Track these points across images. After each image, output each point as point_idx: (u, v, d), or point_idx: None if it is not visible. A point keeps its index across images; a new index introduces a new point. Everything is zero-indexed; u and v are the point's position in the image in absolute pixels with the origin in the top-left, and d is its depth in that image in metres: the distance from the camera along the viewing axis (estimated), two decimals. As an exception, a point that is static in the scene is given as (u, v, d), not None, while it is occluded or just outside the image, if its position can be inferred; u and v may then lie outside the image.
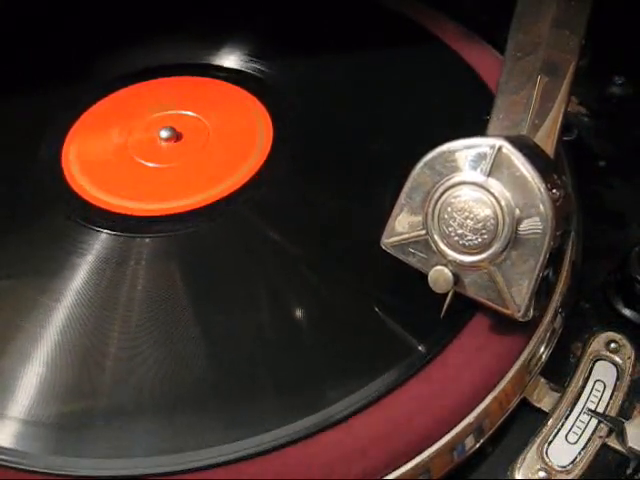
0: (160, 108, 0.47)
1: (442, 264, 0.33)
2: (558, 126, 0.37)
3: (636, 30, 0.52)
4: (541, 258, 0.32)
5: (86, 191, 0.43)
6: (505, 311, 0.33)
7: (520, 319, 0.33)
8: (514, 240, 0.32)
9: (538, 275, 0.32)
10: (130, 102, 0.48)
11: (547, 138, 0.36)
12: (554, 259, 0.33)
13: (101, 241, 0.40)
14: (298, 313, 0.37)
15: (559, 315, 0.38)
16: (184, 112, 0.47)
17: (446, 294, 0.34)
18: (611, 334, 0.39)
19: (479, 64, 0.47)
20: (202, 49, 0.51)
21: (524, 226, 0.32)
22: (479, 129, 0.37)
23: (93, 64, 0.51)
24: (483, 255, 0.32)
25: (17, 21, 0.55)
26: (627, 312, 0.40)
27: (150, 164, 0.44)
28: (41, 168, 0.44)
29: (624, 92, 0.52)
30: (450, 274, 0.33)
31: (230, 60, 0.50)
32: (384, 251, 0.35)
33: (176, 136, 0.45)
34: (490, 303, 0.33)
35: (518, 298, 0.32)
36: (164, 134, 0.44)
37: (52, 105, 0.48)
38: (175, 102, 0.47)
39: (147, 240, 0.40)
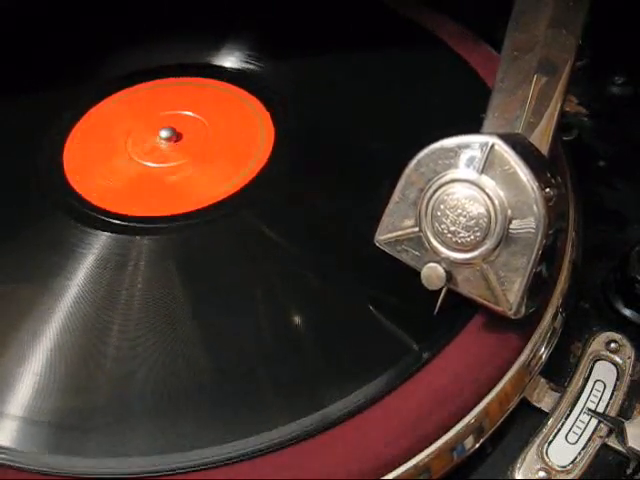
0: (160, 108, 0.47)
1: (435, 261, 0.33)
2: (553, 125, 0.37)
3: (636, 30, 0.52)
4: (533, 256, 0.32)
5: (86, 191, 0.43)
6: (497, 309, 0.33)
7: (512, 317, 0.33)
8: (506, 238, 0.32)
9: (530, 273, 0.32)
10: (130, 102, 0.48)
11: (542, 137, 0.36)
12: (548, 257, 0.33)
13: (101, 241, 0.40)
14: (297, 314, 0.37)
15: (559, 315, 0.38)
16: (184, 112, 0.47)
17: (440, 291, 0.34)
18: (611, 334, 0.39)
19: (479, 64, 0.47)
20: (202, 49, 0.51)
21: (516, 224, 0.32)
22: (477, 128, 0.37)
23: (93, 64, 0.51)
24: (475, 252, 0.32)
25: (17, 21, 0.55)
26: (627, 312, 0.40)
27: (150, 164, 0.44)
28: (42, 168, 0.44)
29: (624, 92, 0.52)
30: (443, 271, 0.33)
31: (230, 60, 0.50)
32: (384, 252, 0.35)
33: (176, 136, 0.45)
34: (483, 301, 0.33)
35: (510, 296, 0.32)
36: (164, 134, 0.44)
37: (52, 105, 0.48)
38: (175, 102, 0.47)
39: (147, 240, 0.40)
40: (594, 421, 0.36)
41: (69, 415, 0.34)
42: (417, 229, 0.34)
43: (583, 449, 0.35)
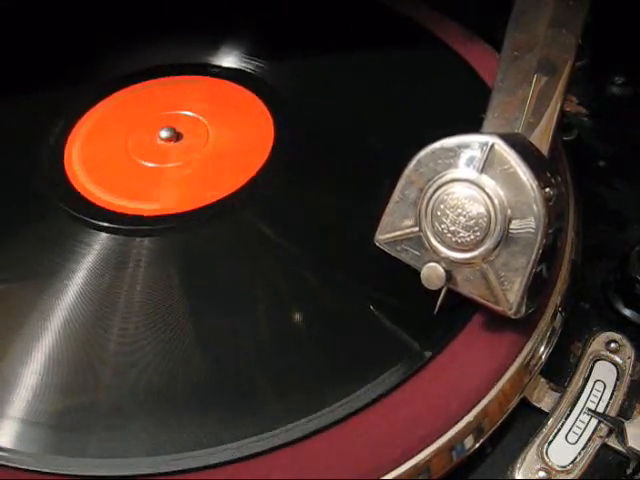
0: (160, 108, 0.47)
1: (435, 261, 0.33)
2: (553, 125, 0.37)
3: (636, 30, 0.52)
4: (533, 256, 0.32)
5: (87, 191, 0.43)
6: (497, 308, 0.33)
7: (512, 317, 0.33)
8: (506, 237, 0.32)
9: (530, 273, 0.32)
10: (130, 102, 0.48)
11: (542, 137, 0.36)
12: (547, 256, 0.33)
13: (101, 241, 0.40)
14: (297, 313, 0.37)
15: (559, 315, 0.38)
16: (184, 112, 0.47)
17: (440, 291, 0.34)
18: (611, 334, 0.39)
19: (479, 64, 0.47)
20: (202, 49, 0.51)
21: (516, 224, 0.32)
22: (477, 128, 0.37)
23: (93, 64, 0.51)
24: (475, 252, 0.32)
25: (17, 21, 0.55)
26: (627, 312, 0.40)
27: (150, 164, 0.44)
28: (42, 168, 0.44)
29: (624, 92, 0.52)
30: (442, 271, 0.33)
31: (230, 59, 0.50)
32: (384, 251, 0.35)
33: (176, 136, 0.45)
34: (482, 300, 0.33)
35: (510, 295, 0.32)
36: (164, 134, 0.44)
37: (53, 105, 0.48)
38: (175, 102, 0.47)
39: (147, 240, 0.40)
40: (594, 421, 0.36)
41: (69, 416, 0.34)
42: (417, 229, 0.34)
43: (583, 449, 0.35)
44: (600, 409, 0.36)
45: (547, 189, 0.32)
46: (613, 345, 0.38)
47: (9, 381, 0.35)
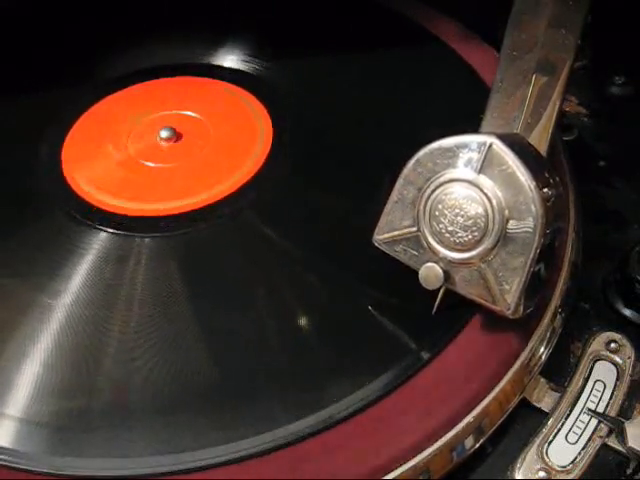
0: (160, 108, 0.47)
1: (433, 261, 0.33)
2: (552, 125, 0.37)
3: (636, 30, 0.52)
4: (531, 256, 0.31)
5: (86, 191, 0.43)
6: (495, 308, 0.33)
7: (510, 316, 0.33)
8: (504, 237, 0.32)
9: (528, 273, 0.32)
10: (130, 102, 0.48)
11: (541, 137, 0.36)
12: (546, 256, 0.33)
13: (101, 241, 0.40)
14: (297, 313, 0.37)
15: (559, 315, 0.38)
16: (184, 112, 0.47)
17: (438, 291, 0.34)
18: (611, 334, 0.39)
19: (479, 64, 0.47)
20: (202, 49, 0.51)
21: (514, 224, 0.32)
22: (476, 128, 0.37)
23: (93, 64, 0.51)
24: (473, 252, 0.32)
25: (17, 21, 0.55)
26: (627, 312, 0.40)
27: (150, 164, 0.44)
28: (41, 168, 0.44)
29: (624, 92, 0.52)
30: (440, 271, 0.33)
31: (230, 60, 0.50)
32: (384, 251, 0.35)
33: (176, 136, 0.45)
34: (480, 300, 0.33)
35: (508, 295, 0.32)
36: (164, 134, 0.44)
37: (52, 105, 0.48)
38: (175, 102, 0.47)
39: (147, 240, 0.40)
40: (594, 421, 0.36)
41: (69, 415, 0.34)
42: (415, 229, 0.34)
43: (583, 449, 0.35)
44: (600, 409, 0.36)
45: (545, 189, 0.32)
46: (613, 345, 0.38)
47: (9, 381, 0.35)
